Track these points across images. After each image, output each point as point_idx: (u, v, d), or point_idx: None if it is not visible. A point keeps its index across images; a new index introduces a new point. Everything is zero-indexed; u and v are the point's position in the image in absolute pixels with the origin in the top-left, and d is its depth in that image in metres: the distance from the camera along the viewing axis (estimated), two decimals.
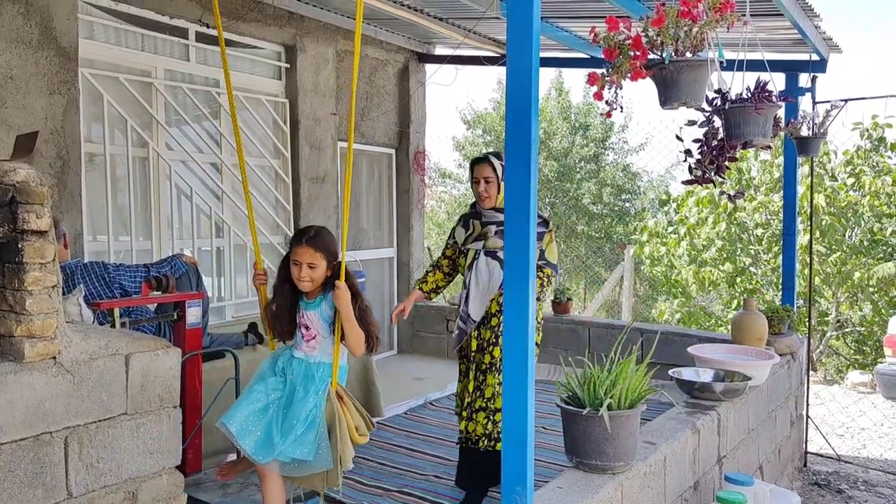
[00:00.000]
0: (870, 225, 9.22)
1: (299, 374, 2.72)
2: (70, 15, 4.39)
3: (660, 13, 2.62)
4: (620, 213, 14.97)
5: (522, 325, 2.17)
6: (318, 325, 2.74)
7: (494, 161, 3.44)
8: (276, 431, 2.63)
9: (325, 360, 2.75)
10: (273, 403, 2.70)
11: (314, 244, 2.69)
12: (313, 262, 2.68)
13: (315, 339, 2.76)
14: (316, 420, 2.63)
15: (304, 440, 2.61)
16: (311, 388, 2.67)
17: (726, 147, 3.26)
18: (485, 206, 3.47)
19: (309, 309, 2.76)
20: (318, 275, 2.70)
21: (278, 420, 2.65)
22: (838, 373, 9.83)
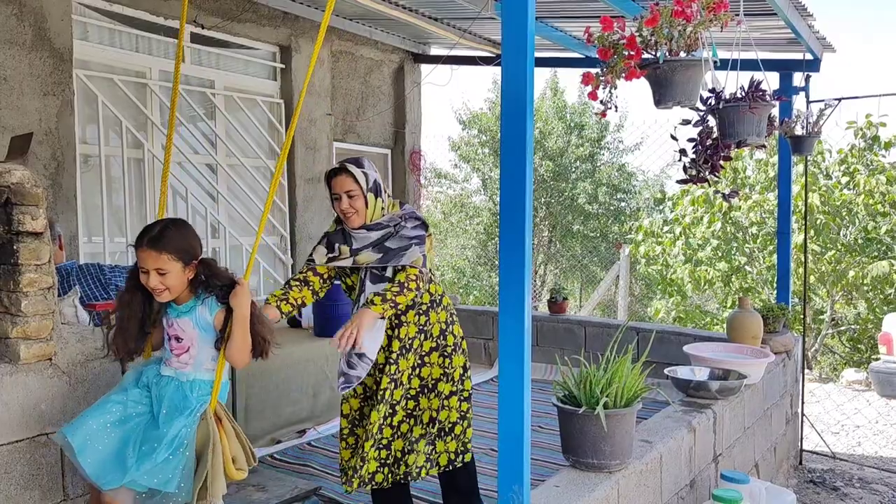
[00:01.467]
0: (864, 223, 9.25)
1: (168, 393, 2.28)
2: (64, 16, 4.38)
3: (654, 13, 2.62)
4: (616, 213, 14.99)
5: (518, 325, 2.17)
6: (192, 334, 2.30)
7: (354, 170, 2.83)
8: (130, 453, 2.19)
9: (200, 377, 2.31)
10: (132, 419, 2.27)
11: (157, 246, 2.22)
12: (161, 266, 2.22)
13: (188, 352, 2.30)
14: (184, 443, 2.21)
15: (165, 467, 2.17)
16: (183, 409, 2.25)
17: (721, 146, 3.27)
18: (352, 224, 2.83)
19: (180, 316, 2.31)
20: (174, 281, 2.24)
21: (136, 439, 2.22)
22: (833, 371, 9.87)
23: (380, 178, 2.93)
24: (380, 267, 2.81)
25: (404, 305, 2.74)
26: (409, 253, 2.77)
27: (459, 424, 2.98)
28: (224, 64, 5.65)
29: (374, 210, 2.86)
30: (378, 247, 2.81)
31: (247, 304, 2.28)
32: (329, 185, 2.90)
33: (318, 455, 4.14)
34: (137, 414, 2.28)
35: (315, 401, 4.73)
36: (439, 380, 2.93)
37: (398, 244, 2.80)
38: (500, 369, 2.25)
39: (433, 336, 2.92)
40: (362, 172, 2.85)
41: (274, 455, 4.13)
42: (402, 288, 2.71)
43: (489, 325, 6.58)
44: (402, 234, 2.83)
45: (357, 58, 6.74)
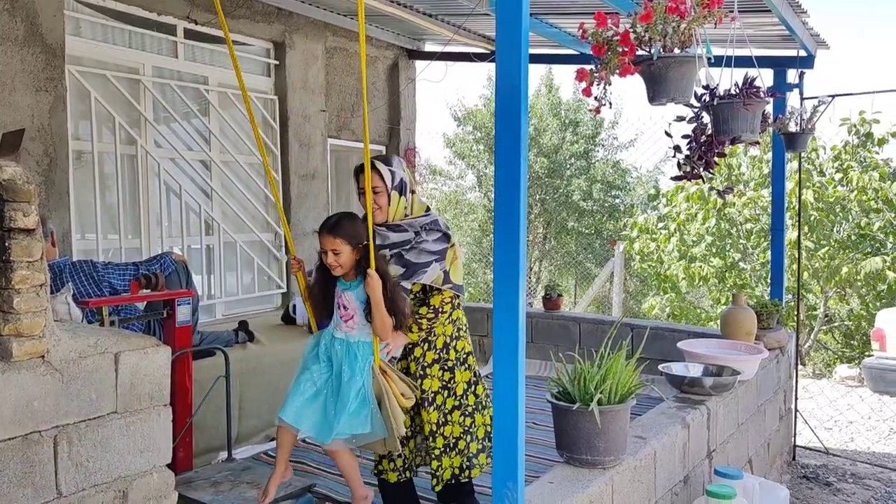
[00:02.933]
0: (857, 220, 9.29)
1: (342, 353, 2.83)
2: (56, 12, 4.35)
3: (648, 9, 2.62)
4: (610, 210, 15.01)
5: (513, 322, 2.17)
6: (354, 305, 2.82)
7: (381, 167, 2.90)
8: (331, 412, 2.78)
9: (364, 339, 2.81)
10: (322, 389, 2.85)
11: (333, 232, 2.79)
12: (335, 248, 2.78)
13: (353, 318, 2.83)
14: (366, 397, 2.75)
15: (358, 416, 2.74)
16: (356, 367, 2.78)
17: (715, 143, 3.28)
18: (375, 220, 2.88)
19: (347, 290, 2.85)
20: (345, 259, 2.79)
21: (332, 401, 2.80)
22: (826, 367, 9.91)
23: (407, 178, 2.99)
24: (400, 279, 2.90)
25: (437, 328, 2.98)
26: (430, 271, 2.88)
27: (463, 439, 2.98)
28: (218, 60, 5.63)
29: (397, 208, 2.94)
30: (399, 258, 2.90)
31: (375, 292, 2.72)
32: (356, 180, 2.98)
33: (313, 452, 4.14)
34: (324, 383, 2.84)
35: None
36: (438, 393, 2.95)
37: (419, 259, 2.88)
38: (494, 366, 2.25)
39: (436, 348, 2.97)
40: (389, 170, 2.92)
41: (268, 452, 4.13)
42: (437, 314, 2.93)
43: (484, 322, 6.58)
44: (422, 248, 2.89)
45: (351, 54, 6.72)
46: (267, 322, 5.38)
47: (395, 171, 2.93)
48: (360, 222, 2.83)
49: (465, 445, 2.98)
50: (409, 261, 2.88)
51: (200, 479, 3.39)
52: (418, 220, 2.95)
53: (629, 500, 2.81)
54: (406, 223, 2.93)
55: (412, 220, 2.94)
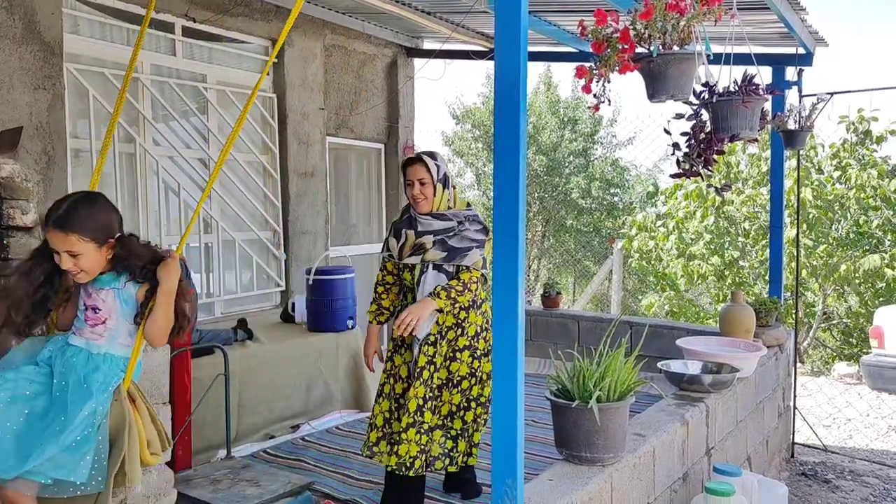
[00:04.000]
0: (856, 217, 9.30)
1: (76, 365, 2.07)
2: (54, 9, 4.34)
3: (647, 6, 2.62)
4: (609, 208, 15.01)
5: (512, 319, 2.17)
6: (112, 306, 2.13)
7: (428, 161, 3.13)
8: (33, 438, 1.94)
9: (113, 352, 2.13)
10: (28, 400, 2.01)
11: (63, 226, 2.02)
12: (71, 248, 2.02)
13: (104, 323, 2.12)
14: (96, 425, 2.02)
15: (74, 454, 1.96)
16: (94, 385, 2.04)
17: (714, 140, 3.27)
18: (420, 209, 3.14)
19: (102, 286, 2.13)
20: (89, 263, 2.06)
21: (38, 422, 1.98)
22: (825, 364, 9.93)
23: (450, 172, 3.26)
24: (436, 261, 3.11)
25: (463, 303, 3.10)
26: (471, 255, 3.11)
27: (471, 426, 3.21)
28: (216, 58, 5.62)
29: (441, 199, 3.17)
30: (442, 244, 3.10)
31: (175, 279, 2.11)
32: (404, 173, 3.19)
33: (312, 450, 4.14)
34: (34, 394, 2.02)
35: (308, 396, 4.73)
36: (465, 378, 3.14)
37: (460, 244, 3.11)
38: (493, 363, 2.25)
39: (468, 335, 3.16)
40: (435, 164, 3.15)
41: (267, 450, 4.13)
42: (464, 287, 3.07)
43: None
44: (464, 234, 3.14)
45: (350, 52, 6.71)
46: (266, 320, 5.38)
47: (440, 165, 3.18)
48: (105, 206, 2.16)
49: (472, 432, 3.21)
50: (451, 246, 3.10)
51: (199, 477, 3.39)
52: (462, 212, 3.20)
53: (628, 497, 2.81)
54: (450, 213, 3.17)
55: (456, 211, 3.19)
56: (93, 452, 1.99)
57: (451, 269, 3.12)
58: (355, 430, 4.49)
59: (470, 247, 3.11)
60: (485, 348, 3.20)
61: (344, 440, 4.33)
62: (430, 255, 3.10)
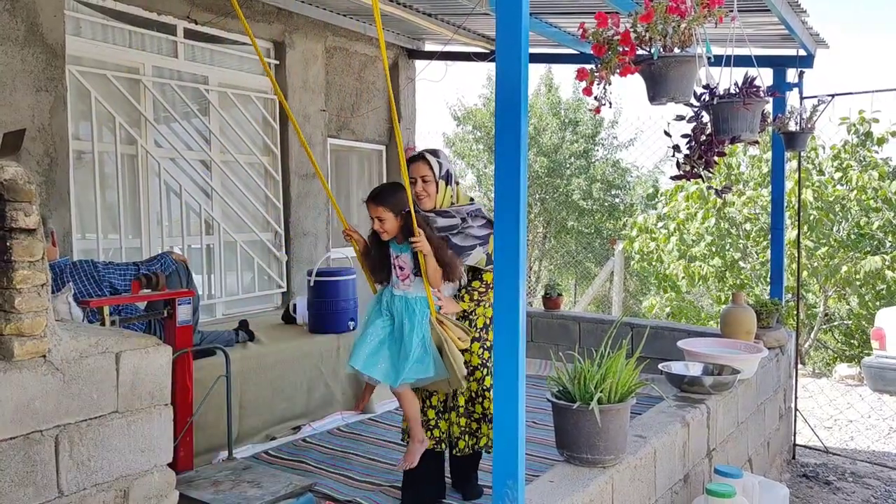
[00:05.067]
0: (857, 219, 9.29)
1: (401, 308, 3.13)
2: (56, 12, 4.36)
3: (648, 9, 2.63)
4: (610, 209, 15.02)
5: (513, 321, 2.18)
6: (409, 265, 3.13)
7: (430, 158, 3.21)
8: (396, 360, 3.08)
9: (420, 294, 3.11)
10: (385, 340, 3.15)
11: (376, 201, 3.11)
12: (379, 215, 3.09)
13: (409, 277, 3.14)
14: (426, 346, 3.06)
15: (421, 363, 3.04)
16: (416, 320, 3.08)
17: (714, 142, 3.28)
18: (423, 206, 3.23)
19: (401, 252, 3.15)
20: (389, 226, 3.10)
21: (396, 350, 3.10)
22: (826, 366, 9.92)
23: (453, 169, 3.32)
24: None
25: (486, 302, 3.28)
26: (474, 254, 3.19)
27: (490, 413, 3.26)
28: (218, 60, 5.63)
29: (444, 196, 3.24)
30: (447, 242, 3.16)
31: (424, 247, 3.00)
32: (408, 170, 3.23)
33: (313, 451, 4.15)
34: (388, 335, 3.15)
35: (309, 397, 4.73)
36: (477, 368, 3.25)
37: (464, 242, 3.18)
38: (494, 365, 2.26)
39: (477, 327, 3.27)
40: (437, 161, 3.23)
41: (269, 451, 4.14)
42: (487, 288, 3.26)
43: None
44: (468, 232, 3.20)
45: (351, 54, 6.72)
46: (267, 321, 5.39)
47: (443, 162, 3.24)
48: (402, 191, 3.07)
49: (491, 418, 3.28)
50: (455, 244, 3.17)
51: (201, 479, 3.40)
52: (465, 208, 3.25)
53: (629, 498, 2.82)
54: (453, 210, 3.23)
55: (459, 208, 3.24)
56: (430, 359, 3.04)
57: None
58: (356, 432, 4.50)
59: (473, 245, 3.18)
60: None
61: (345, 441, 4.33)
62: None
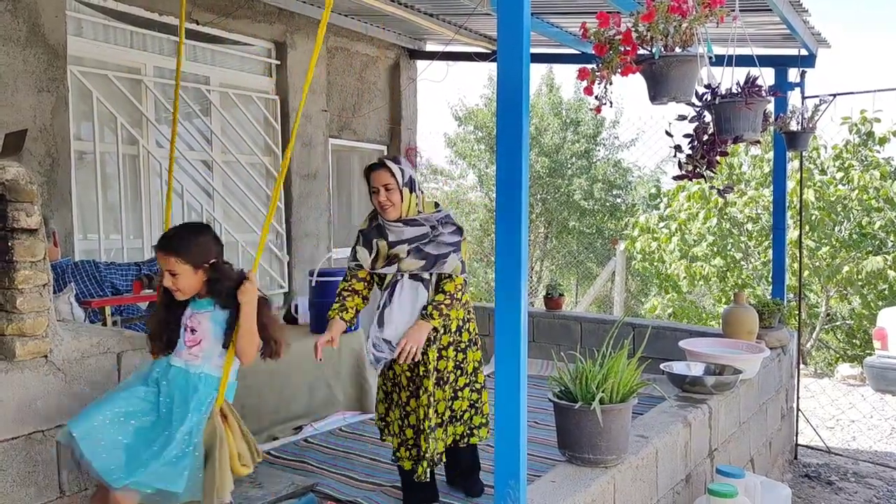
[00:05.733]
0: (859, 219, 9.28)
1: (178, 384, 2.33)
2: (58, 12, 4.36)
3: (650, 8, 2.62)
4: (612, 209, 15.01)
5: (515, 321, 2.18)
6: (206, 327, 2.38)
7: (392, 166, 3.02)
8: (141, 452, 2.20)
9: (208, 372, 2.37)
10: (138, 415, 2.29)
11: (165, 249, 2.35)
12: (171, 268, 2.34)
13: (200, 344, 2.37)
14: (194, 441, 2.25)
15: (174, 468, 2.19)
16: (192, 403, 2.28)
17: (717, 142, 3.27)
18: (388, 216, 3.03)
19: (200, 309, 2.40)
20: (185, 283, 2.35)
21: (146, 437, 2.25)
22: (828, 366, 9.91)
23: (415, 175, 3.15)
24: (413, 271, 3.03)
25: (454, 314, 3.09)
26: (450, 261, 3.02)
27: (468, 412, 3.22)
28: (219, 60, 5.63)
29: (410, 204, 3.05)
30: (418, 252, 3.00)
31: (253, 299, 2.35)
32: (368, 179, 3.08)
33: (315, 451, 4.14)
34: (143, 412, 2.30)
35: (311, 397, 4.73)
36: (451, 372, 3.14)
37: (437, 251, 3.02)
38: (496, 365, 2.26)
39: (451, 331, 3.13)
40: (399, 168, 3.04)
41: (271, 452, 4.13)
42: (452, 300, 3.01)
43: (486, 322, 6.58)
44: (440, 240, 3.04)
45: (353, 54, 6.72)
46: None
47: (404, 168, 3.06)
48: (208, 237, 2.44)
49: (469, 417, 3.21)
50: (428, 253, 3.01)
51: None
52: (433, 216, 3.09)
53: (631, 498, 2.81)
54: (422, 218, 3.06)
55: (427, 216, 3.08)
56: (189, 465, 2.22)
57: (427, 276, 3.04)
58: (358, 432, 4.49)
59: (447, 252, 3.02)
60: (469, 339, 3.20)
61: (347, 441, 4.33)
62: (407, 264, 3.01)
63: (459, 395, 3.18)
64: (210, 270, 2.38)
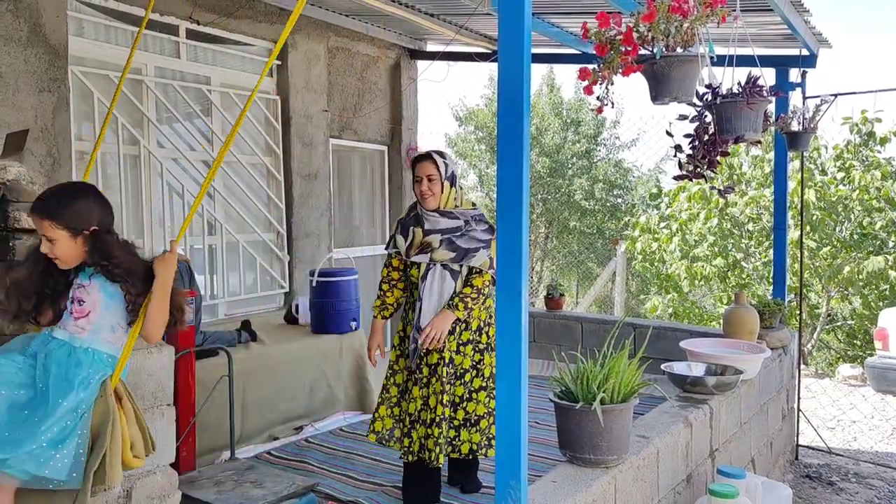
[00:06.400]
0: (859, 219, 9.28)
1: (56, 359, 2.04)
2: (59, 12, 4.36)
3: (651, 8, 2.62)
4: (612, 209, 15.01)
5: (516, 321, 2.18)
6: (97, 298, 2.10)
7: (437, 159, 3.22)
8: (13, 429, 1.91)
9: (96, 347, 2.09)
10: (11, 386, 1.98)
11: (38, 211, 2.08)
12: (46, 233, 2.06)
13: (87, 317, 2.09)
14: (76, 423, 1.97)
15: (55, 449, 1.92)
16: (77, 379, 2.00)
17: (717, 142, 3.27)
18: (428, 206, 3.21)
19: (90, 278, 2.12)
20: (63, 250, 2.07)
21: (18, 415, 1.95)
22: (829, 366, 9.90)
23: (457, 171, 3.35)
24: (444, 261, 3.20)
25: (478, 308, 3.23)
26: (479, 255, 3.18)
27: (485, 419, 3.23)
28: (220, 60, 5.63)
29: (448, 197, 3.24)
30: (450, 244, 3.17)
31: (171, 272, 2.10)
32: (414, 169, 3.27)
33: (316, 451, 4.15)
34: (18, 384, 1.99)
35: (312, 397, 4.73)
36: (468, 371, 3.23)
37: (468, 245, 3.18)
38: (497, 365, 2.26)
39: (471, 329, 3.24)
40: (443, 162, 3.24)
41: (271, 452, 4.14)
42: (479, 294, 3.18)
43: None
44: (471, 235, 3.21)
45: (353, 54, 6.72)
46: (269, 322, 5.39)
47: (448, 163, 3.27)
48: (88, 201, 2.13)
49: (486, 425, 3.23)
50: (459, 246, 3.17)
51: (203, 479, 3.40)
52: (468, 212, 3.27)
53: (632, 499, 2.81)
54: (457, 212, 3.24)
55: (463, 210, 3.26)
56: (73, 449, 1.95)
57: (457, 268, 3.20)
58: (359, 432, 4.50)
59: (477, 247, 3.17)
60: (488, 343, 3.28)
61: (347, 441, 4.33)
62: (439, 254, 3.17)
63: (474, 397, 3.23)
64: (91, 238, 2.09)
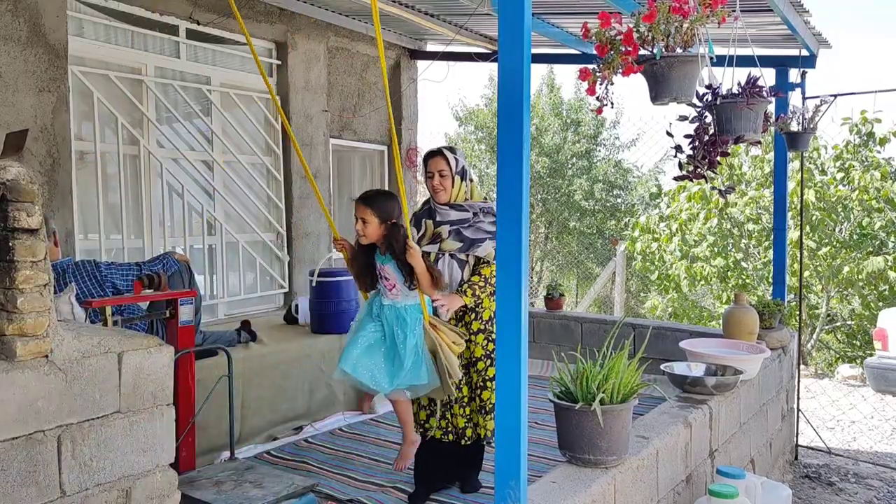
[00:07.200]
0: (859, 219, 9.28)
1: (392, 318, 3.25)
2: (59, 12, 4.36)
3: (651, 9, 2.62)
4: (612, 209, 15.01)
5: (515, 321, 2.18)
6: (394, 276, 3.23)
7: (448, 154, 3.38)
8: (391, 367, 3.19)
9: (409, 303, 3.25)
10: (377, 344, 3.26)
11: (366, 202, 3.20)
12: (364, 217, 3.18)
13: (395, 287, 3.25)
14: (420, 353, 3.16)
15: (415, 371, 3.14)
16: (408, 329, 3.20)
17: (717, 142, 3.27)
18: (439, 200, 3.40)
19: (385, 263, 3.26)
20: (371, 230, 3.19)
21: (390, 357, 3.21)
22: (829, 366, 9.90)
23: (468, 166, 3.50)
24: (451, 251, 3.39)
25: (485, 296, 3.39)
26: (484, 246, 3.34)
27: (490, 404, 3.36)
28: (220, 60, 5.63)
29: (459, 191, 3.41)
30: (458, 234, 3.35)
31: (419, 262, 3.12)
32: (426, 165, 3.45)
33: (315, 451, 4.15)
34: (379, 342, 3.27)
35: (311, 398, 4.73)
36: (480, 359, 3.37)
37: (475, 235, 3.34)
38: (497, 365, 2.26)
39: (482, 319, 3.38)
40: (454, 157, 3.40)
41: (271, 452, 4.14)
42: (486, 283, 3.35)
43: None
44: (479, 226, 3.36)
45: (353, 54, 6.72)
46: (269, 322, 5.39)
47: (459, 159, 3.42)
48: (394, 201, 3.21)
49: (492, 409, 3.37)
50: (466, 236, 3.34)
51: (203, 479, 3.39)
52: (478, 204, 3.41)
53: (632, 499, 2.81)
54: (467, 204, 3.39)
55: (472, 203, 3.41)
56: (423, 365, 3.14)
57: (464, 257, 3.36)
58: (358, 432, 4.50)
59: (483, 238, 3.32)
60: None
61: (347, 442, 4.33)
62: (447, 244, 3.35)
63: (489, 385, 3.34)
64: (389, 227, 3.19)
